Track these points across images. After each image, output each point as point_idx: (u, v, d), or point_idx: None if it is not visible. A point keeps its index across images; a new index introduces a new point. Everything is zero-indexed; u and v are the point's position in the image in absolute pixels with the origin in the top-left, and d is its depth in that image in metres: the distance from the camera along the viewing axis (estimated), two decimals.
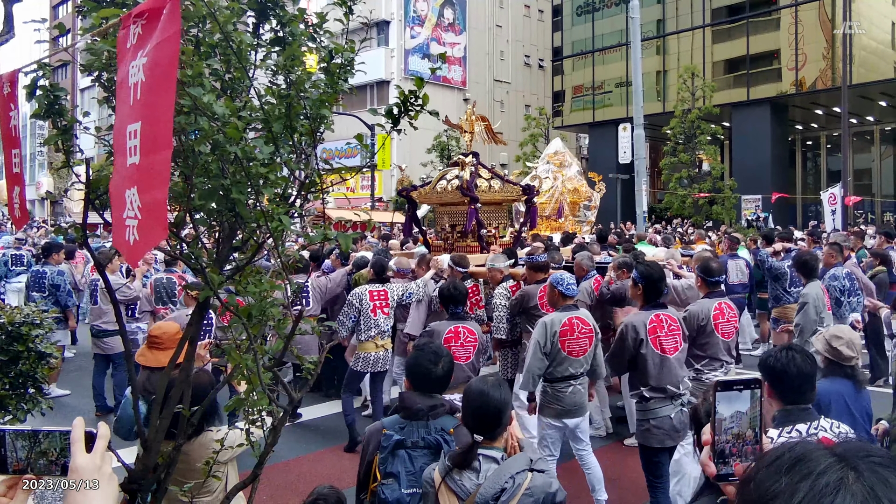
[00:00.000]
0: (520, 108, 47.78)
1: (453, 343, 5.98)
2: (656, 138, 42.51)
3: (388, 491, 3.23)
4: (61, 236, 2.81)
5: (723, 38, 38.12)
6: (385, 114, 2.61)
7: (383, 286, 7.78)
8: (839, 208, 20.35)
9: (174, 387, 2.82)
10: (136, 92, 1.84)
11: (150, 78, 1.81)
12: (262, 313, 2.67)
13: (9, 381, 3.04)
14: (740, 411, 1.39)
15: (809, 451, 1.07)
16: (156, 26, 1.84)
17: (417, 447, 3.31)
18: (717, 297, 6.16)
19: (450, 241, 10.34)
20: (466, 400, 3.11)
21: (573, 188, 17.54)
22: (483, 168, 10.56)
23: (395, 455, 3.30)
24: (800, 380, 3.32)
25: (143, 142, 1.79)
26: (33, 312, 3.18)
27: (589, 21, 43.75)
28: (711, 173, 34.03)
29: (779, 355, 3.41)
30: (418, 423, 3.38)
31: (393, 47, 42.50)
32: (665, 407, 5.25)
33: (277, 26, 2.63)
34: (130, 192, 1.80)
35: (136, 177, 1.79)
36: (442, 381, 3.67)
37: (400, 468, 3.27)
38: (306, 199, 2.86)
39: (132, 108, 1.84)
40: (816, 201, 32.86)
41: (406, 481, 3.24)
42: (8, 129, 2.79)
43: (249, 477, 2.95)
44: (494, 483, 2.85)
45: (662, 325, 5.40)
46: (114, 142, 1.98)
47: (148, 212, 1.76)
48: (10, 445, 1.42)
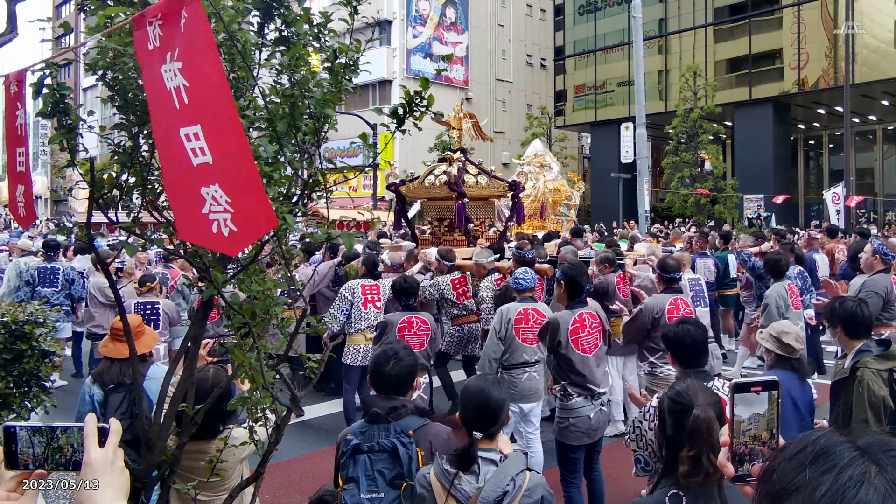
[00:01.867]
0: (522, 108, 47.77)
1: (407, 332, 6.39)
2: (658, 137, 42.50)
3: (349, 496, 3.21)
4: (65, 235, 2.81)
5: (725, 37, 38.09)
6: (390, 114, 2.62)
7: (376, 281, 7.95)
8: (843, 207, 20.36)
9: (184, 385, 2.84)
10: (180, 96, 1.88)
11: (195, 84, 1.87)
12: (266, 312, 2.68)
13: (12, 379, 3.05)
14: (758, 413, 1.38)
15: (832, 445, 1.06)
16: (176, 28, 1.87)
17: (374, 451, 3.27)
18: (674, 292, 6.48)
19: (437, 234, 10.66)
20: (465, 398, 3.11)
21: (554, 188, 18.27)
22: (470, 164, 10.90)
23: (356, 460, 3.27)
24: (693, 347, 3.92)
25: (211, 142, 1.85)
26: (37, 311, 3.19)
27: (591, 20, 43.75)
28: (713, 172, 34.04)
29: (676, 328, 4.00)
30: (379, 427, 3.33)
31: (395, 47, 42.49)
32: (586, 407, 5.41)
33: (282, 25, 2.64)
34: (210, 190, 1.86)
35: (216, 174, 1.86)
36: (399, 381, 3.58)
37: (360, 473, 3.24)
38: (309, 198, 2.87)
39: (181, 112, 1.89)
40: (819, 200, 32.89)
41: (366, 485, 3.21)
42: (14, 127, 2.80)
43: (253, 475, 2.96)
44: (496, 486, 2.83)
45: (585, 324, 5.58)
46: (157, 143, 2.01)
47: (245, 204, 1.84)
48: (26, 441, 1.44)
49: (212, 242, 1.92)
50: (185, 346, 2.91)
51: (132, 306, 8.29)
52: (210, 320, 5.60)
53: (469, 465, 2.93)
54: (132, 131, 2.58)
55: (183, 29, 1.86)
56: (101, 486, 1.38)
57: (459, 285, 8.27)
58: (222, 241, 1.88)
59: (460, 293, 8.25)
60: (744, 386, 1.39)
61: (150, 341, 5.02)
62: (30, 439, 1.44)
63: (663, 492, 2.67)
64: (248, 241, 1.94)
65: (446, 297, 8.21)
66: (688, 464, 2.61)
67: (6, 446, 1.44)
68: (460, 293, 8.25)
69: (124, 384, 4.64)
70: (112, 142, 2.66)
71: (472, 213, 10.45)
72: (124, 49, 2.23)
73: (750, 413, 1.38)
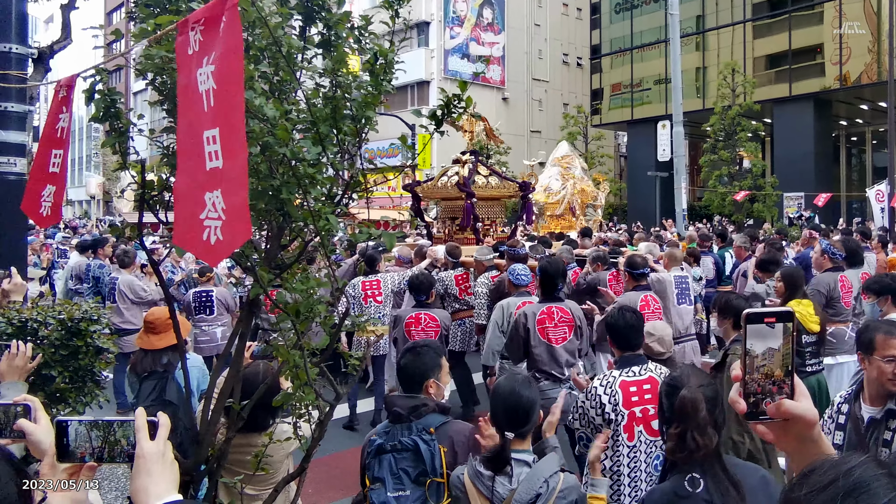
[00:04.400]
0: (558, 107, 47.57)
1: (414, 328, 6.74)
2: (696, 135, 42.01)
3: (375, 496, 3.25)
4: (117, 235, 2.89)
5: (764, 32, 37.56)
6: (428, 115, 2.65)
7: (376, 276, 8.28)
8: (888, 205, 19.96)
9: (233, 382, 2.91)
10: (209, 99, 1.91)
11: (221, 86, 1.88)
12: (310, 310, 2.74)
13: (68, 374, 3.16)
14: (772, 348, 1.30)
15: (869, 479, 0.99)
16: (216, 33, 1.91)
17: (398, 450, 3.29)
18: (643, 290, 6.93)
19: (449, 233, 11.23)
20: (496, 398, 3.12)
21: (580, 189, 18.82)
22: (482, 166, 11.68)
23: (381, 460, 3.30)
24: (628, 331, 4.23)
25: (225, 146, 1.85)
26: (91, 308, 3.29)
27: (627, 18, 43.43)
28: (752, 170, 33.54)
29: (614, 314, 4.34)
30: (402, 426, 3.35)
31: (433, 48, 42.60)
32: (553, 390, 5.69)
33: (324, 29, 2.69)
34: (212, 195, 1.86)
35: (221, 180, 1.85)
36: (416, 377, 3.60)
37: (385, 472, 3.27)
38: (351, 198, 2.92)
39: (207, 115, 1.91)
40: (862, 198, 32.24)
41: (392, 484, 3.24)
42: (53, 130, 2.87)
43: (297, 471, 3.01)
44: (529, 488, 2.82)
45: (553, 317, 5.99)
46: (180, 145, 2.04)
47: (233, 213, 1.83)
48: (84, 435, 1.50)
49: (200, 249, 1.91)
50: (231, 344, 2.98)
51: (191, 295, 9.09)
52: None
53: (502, 466, 2.93)
54: None
55: (221, 33, 1.90)
56: (154, 477, 1.43)
57: (462, 281, 8.71)
58: (209, 249, 1.88)
59: (462, 289, 8.64)
60: (756, 316, 1.31)
61: (182, 331, 5.27)
62: (87, 433, 1.50)
63: (679, 477, 2.66)
64: (228, 252, 1.91)
65: (449, 292, 8.55)
66: (674, 440, 2.65)
67: (58, 439, 1.50)
68: (462, 289, 8.64)
69: (156, 373, 4.96)
70: (161, 144, 2.73)
71: (481, 213, 11.07)
72: (170, 55, 2.29)
73: (764, 348, 1.31)
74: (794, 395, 1.31)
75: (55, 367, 3.07)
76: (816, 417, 1.32)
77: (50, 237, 19.60)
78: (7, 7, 5.26)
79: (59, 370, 3.10)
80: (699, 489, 2.59)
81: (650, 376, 4.07)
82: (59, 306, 3.24)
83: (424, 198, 12.13)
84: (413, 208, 11.86)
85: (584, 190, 18.89)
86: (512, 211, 16.00)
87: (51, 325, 3.13)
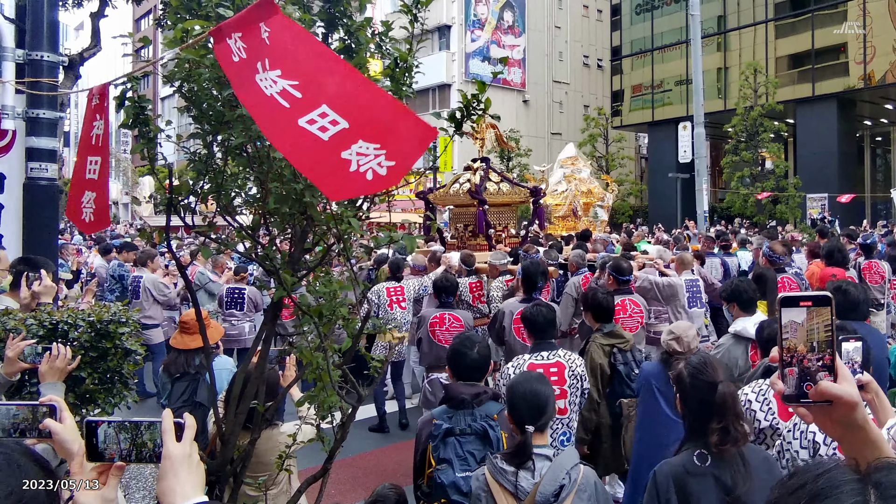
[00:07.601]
0: (579, 109, 47.48)
1: (438, 328, 6.87)
2: (717, 136, 41.74)
3: (443, 476, 3.42)
4: (145, 239, 2.95)
5: (786, 32, 37.25)
6: (448, 118, 2.68)
7: (399, 283, 8.45)
8: None
9: (250, 383, 2.95)
10: (287, 96, 1.99)
11: (309, 77, 1.99)
12: (332, 312, 2.78)
13: (98, 375, 3.21)
14: (809, 330, 1.31)
15: (837, 485, 0.99)
16: (258, 41, 1.98)
17: (465, 434, 3.50)
18: (623, 294, 7.01)
19: (462, 239, 11.34)
20: (513, 394, 3.16)
21: (587, 190, 18.88)
22: (493, 172, 11.72)
23: (446, 442, 3.49)
24: (543, 323, 4.71)
25: (344, 110, 1.96)
26: (120, 311, 3.35)
27: (648, 19, 43.25)
28: (775, 171, 33.24)
29: (532, 309, 4.80)
30: (465, 412, 3.56)
31: (454, 51, 42.64)
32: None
33: (345, 35, 2.73)
34: (350, 151, 1.96)
35: (356, 133, 1.95)
36: (479, 366, 3.86)
37: (451, 454, 3.46)
38: (372, 202, 2.96)
39: (296, 107, 1.98)
40: (886, 199, 31.91)
41: (458, 465, 3.43)
42: (88, 137, 2.93)
43: (320, 471, 3.05)
44: (553, 481, 2.86)
45: None
46: (272, 139, 2.08)
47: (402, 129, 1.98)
48: (112, 437, 1.54)
49: (369, 188, 2.01)
50: (255, 347, 3.03)
51: (224, 291, 9.42)
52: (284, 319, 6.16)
53: (526, 460, 2.98)
54: (207, 140, 2.69)
55: (268, 41, 1.95)
56: (180, 478, 1.46)
57: (476, 289, 8.79)
58: (381, 180, 1.97)
59: (476, 296, 8.72)
60: (791, 300, 1.32)
61: (214, 335, 5.37)
62: (116, 435, 1.53)
63: (689, 452, 2.86)
64: (414, 159, 2.01)
65: (462, 299, 8.56)
66: (718, 434, 2.79)
67: (88, 440, 1.54)
68: (476, 296, 8.72)
69: (188, 374, 5.18)
70: (188, 150, 2.78)
71: (493, 219, 11.18)
72: (200, 60, 2.33)
73: (801, 331, 1.32)
74: (837, 379, 1.31)
75: (85, 369, 3.13)
76: (857, 400, 1.31)
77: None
78: (39, 16, 5.36)
79: (89, 371, 3.16)
80: (707, 463, 2.78)
81: (557, 361, 4.55)
82: (89, 308, 3.31)
83: (436, 205, 12.25)
84: (425, 216, 12.04)
85: (590, 191, 18.95)
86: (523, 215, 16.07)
87: (80, 327, 3.19)
